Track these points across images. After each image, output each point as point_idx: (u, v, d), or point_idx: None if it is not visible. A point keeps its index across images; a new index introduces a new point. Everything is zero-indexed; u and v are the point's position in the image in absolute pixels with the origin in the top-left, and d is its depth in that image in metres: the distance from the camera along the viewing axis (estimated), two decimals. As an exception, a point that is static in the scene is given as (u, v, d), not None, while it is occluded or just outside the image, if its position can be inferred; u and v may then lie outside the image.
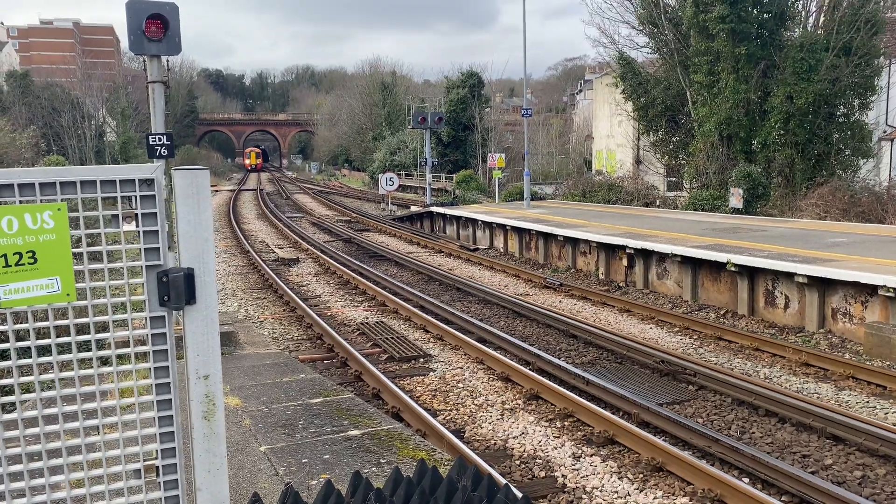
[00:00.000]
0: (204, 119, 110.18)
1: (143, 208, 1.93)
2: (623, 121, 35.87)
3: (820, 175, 26.36)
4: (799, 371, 9.81)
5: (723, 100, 26.79)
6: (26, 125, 38.19)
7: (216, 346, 2.05)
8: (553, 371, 9.55)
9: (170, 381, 2.01)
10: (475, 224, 24.36)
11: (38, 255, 1.83)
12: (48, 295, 1.85)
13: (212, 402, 2.05)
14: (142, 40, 9.75)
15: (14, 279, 1.82)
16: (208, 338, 2.03)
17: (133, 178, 1.90)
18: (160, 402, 2.00)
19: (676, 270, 14.57)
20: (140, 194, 1.92)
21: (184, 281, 1.96)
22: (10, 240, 1.80)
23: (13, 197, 1.81)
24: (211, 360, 2.04)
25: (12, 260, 1.81)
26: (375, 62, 77.41)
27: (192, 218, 1.96)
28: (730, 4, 25.30)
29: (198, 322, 2.01)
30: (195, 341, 2.01)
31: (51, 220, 1.83)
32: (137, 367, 1.97)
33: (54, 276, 1.85)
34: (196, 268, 1.98)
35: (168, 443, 2.02)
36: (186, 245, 1.96)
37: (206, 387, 2.04)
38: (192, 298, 1.98)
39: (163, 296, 1.96)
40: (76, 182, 1.86)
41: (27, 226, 1.81)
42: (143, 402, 1.99)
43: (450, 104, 47.64)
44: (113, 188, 1.89)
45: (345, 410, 6.43)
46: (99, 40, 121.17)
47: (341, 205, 41.10)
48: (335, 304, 14.58)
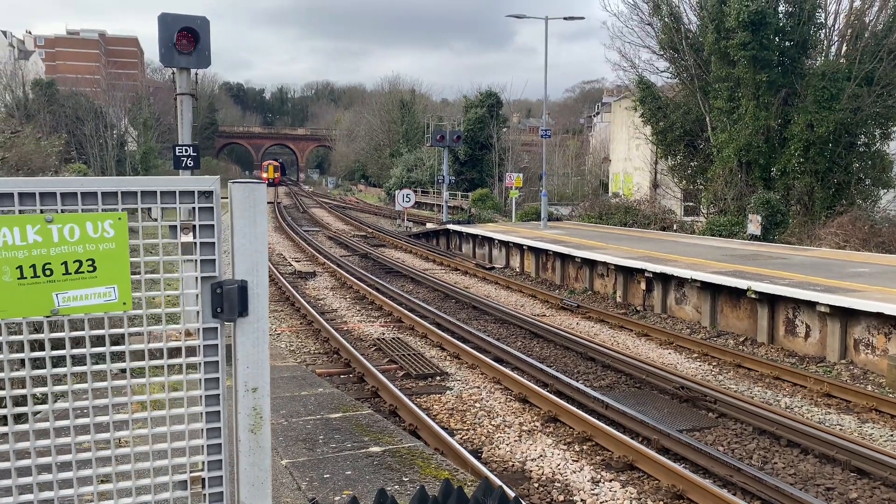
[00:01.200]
0: (223, 131, 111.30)
1: (201, 220, 1.94)
2: (641, 144, 35.85)
3: (839, 204, 26.18)
4: (821, 402, 9.68)
5: (742, 126, 26.72)
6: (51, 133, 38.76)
7: (265, 359, 2.05)
8: (571, 394, 9.47)
9: (219, 392, 2.01)
10: (491, 243, 24.35)
11: (98, 263, 1.85)
12: (105, 303, 1.86)
13: (259, 416, 2.04)
14: (172, 53, 9.88)
15: (73, 286, 1.83)
16: (258, 350, 2.03)
17: (192, 189, 1.92)
18: (209, 414, 2.01)
19: (695, 296, 14.47)
20: (199, 206, 1.93)
21: (237, 293, 1.96)
22: (71, 247, 1.82)
23: (76, 206, 1.83)
24: (260, 372, 2.04)
25: (72, 267, 1.83)
26: (395, 80, 78.09)
27: (248, 231, 1.97)
28: (752, 31, 25.31)
29: (249, 334, 2.01)
30: (245, 353, 2.02)
31: (111, 228, 1.85)
32: (188, 378, 1.98)
33: (112, 285, 1.86)
34: (250, 280, 1.99)
35: (214, 455, 2.02)
36: (241, 257, 1.97)
37: (254, 399, 2.04)
38: (245, 311, 1.99)
39: (216, 307, 1.97)
40: (137, 192, 1.88)
41: (88, 234, 1.83)
42: (191, 412, 2.00)
43: (468, 123, 47.88)
44: (172, 199, 1.91)
45: (364, 427, 6.41)
46: (123, 51, 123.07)
47: (357, 220, 41.26)
48: (352, 319, 14.58)
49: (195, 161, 10.45)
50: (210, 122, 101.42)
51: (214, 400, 2.01)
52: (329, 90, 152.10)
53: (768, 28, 25.54)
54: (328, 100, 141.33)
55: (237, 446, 2.05)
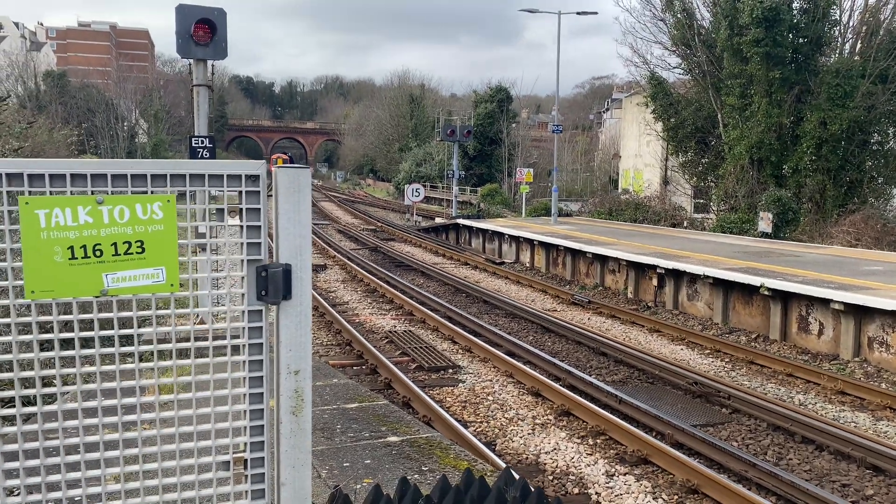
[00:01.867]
0: (233, 124, 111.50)
1: (248, 203, 1.96)
2: (651, 140, 35.72)
3: (852, 202, 26.04)
4: (834, 399, 9.65)
5: (755, 123, 26.58)
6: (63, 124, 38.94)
7: (308, 343, 2.07)
8: (584, 388, 9.48)
9: (262, 375, 2.03)
10: (501, 238, 24.34)
11: (147, 244, 1.86)
12: (153, 284, 1.88)
13: (300, 398, 2.06)
14: (189, 44, 9.91)
15: (122, 268, 1.85)
16: (301, 334, 2.05)
17: (240, 173, 1.93)
18: (252, 396, 2.02)
19: (707, 292, 14.43)
20: (246, 190, 1.95)
21: (282, 276, 1.98)
22: (120, 229, 1.84)
23: (125, 187, 1.84)
24: (303, 355, 2.06)
25: (122, 249, 1.85)
26: (404, 74, 77.95)
27: (292, 215, 1.98)
28: (765, 28, 25.14)
29: (292, 317, 2.03)
30: (288, 336, 2.03)
31: (160, 210, 1.87)
32: (233, 360, 2.00)
33: (160, 266, 1.88)
34: (294, 264, 2.00)
35: (257, 436, 2.04)
36: (286, 241, 1.99)
37: (296, 382, 2.06)
38: (289, 294, 2.01)
39: (261, 290, 1.99)
40: (185, 175, 1.89)
41: (137, 216, 1.85)
42: (234, 394, 2.02)
43: (477, 118, 47.81)
44: (220, 182, 1.93)
45: (381, 416, 6.43)
46: (134, 44, 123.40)
47: (366, 214, 41.31)
48: (363, 312, 14.62)
49: (211, 152, 10.48)
50: (220, 114, 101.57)
51: (258, 382, 2.03)
52: (338, 84, 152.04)
53: (782, 24, 25.37)
54: (337, 94, 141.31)
55: (279, 428, 2.07)
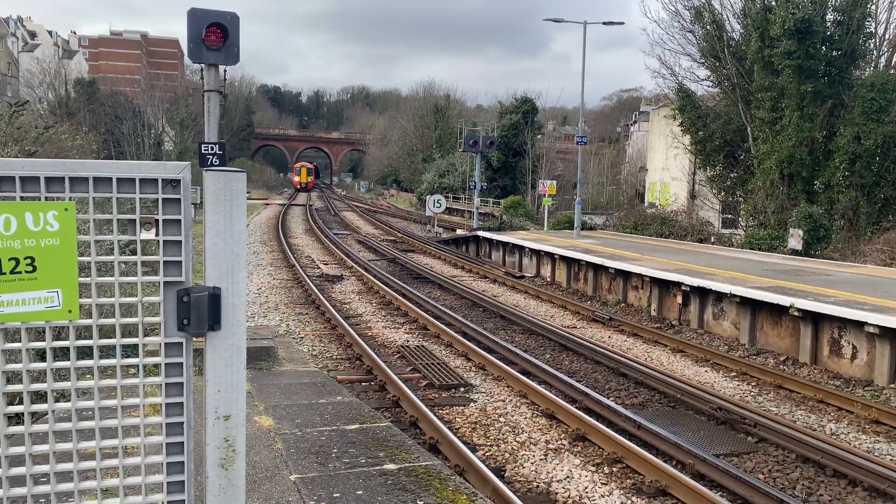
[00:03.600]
0: (259, 133, 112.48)
1: (166, 213, 1.63)
2: (679, 154, 35.08)
3: (886, 220, 25.20)
4: (869, 429, 9.08)
5: (785, 137, 25.90)
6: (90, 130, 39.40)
7: (241, 382, 1.72)
8: (601, 411, 9.03)
9: (183, 420, 1.68)
10: (522, 251, 23.91)
11: (38, 262, 1.54)
12: (46, 310, 1.55)
13: (231, 448, 1.72)
14: (200, 49, 9.71)
15: (7, 289, 1.53)
16: (232, 371, 1.70)
17: (156, 177, 1.60)
18: (170, 446, 1.68)
19: (734, 311, 13.87)
20: (163, 197, 1.62)
21: (208, 302, 1.64)
22: (5, 242, 1.51)
23: (13, 192, 1.52)
24: (233, 397, 1.72)
25: (7, 266, 1.52)
26: (430, 85, 77.92)
27: (221, 228, 1.65)
28: (798, 40, 24.51)
29: (221, 352, 1.69)
30: (217, 374, 1.69)
31: (55, 221, 1.54)
32: (148, 402, 1.66)
33: (55, 289, 1.55)
34: (224, 287, 1.66)
35: (177, 494, 1.70)
36: (214, 260, 1.65)
37: (226, 429, 1.71)
38: (217, 323, 1.67)
39: (182, 318, 1.65)
40: (89, 178, 1.56)
41: (27, 227, 1.53)
42: (150, 443, 1.67)
43: (502, 129, 47.48)
44: (131, 188, 1.60)
45: (381, 440, 6.07)
46: (164, 52, 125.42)
47: (388, 224, 41.12)
48: (376, 325, 14.29)
49: (221, 159, 10.26)
50: (247, 123, 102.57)
51: (177, 429, 1.69)
52: (364, 94, 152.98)
53: (815, 37, 24.72)
54: (363, 104, 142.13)
55: (206, 484, 1.72)
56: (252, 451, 5.79)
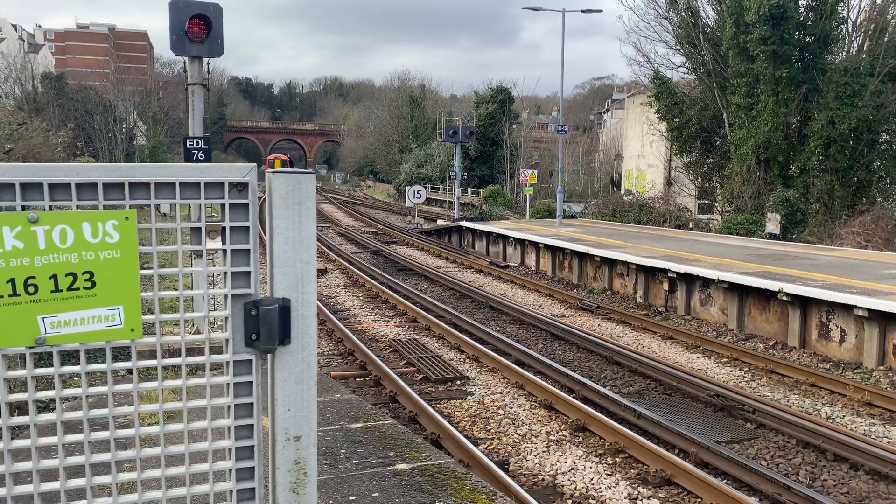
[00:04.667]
0: (232, 126, 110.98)
1: (233, 220, 1.50)
2: (655, 140, 35.28)
3: (860, 203, 25.60)
4: (863, 411, 9.18)
5: (761, 123, 26.13)
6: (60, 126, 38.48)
7: (312, 400, 1.60)
8: (600, 401, 9.01)
9: (254, 444, 1.56)
10: (506, 240, 23.87)
11: (98, 276, 1.40)
12: (108, 330, 1.42)
13: (303, 471, 1.60)
14: (184, 41, 9.44)
15: (65, 308, 1.39)
16: (303, 388, 1.58)
17: (223, 181, 1.47)
18: (240, 471, 1.56)
19: (721, 297, 13.96)
20: (230, 202, 1.48)
21: (278, 315, 1.52)
22: (62, 256, 1.38)
23: (69, 200, 1.38)
24: (305, 416, 1.60)
25: (64, 283, 1.38)
26: (404, 75, 77.38)
27: (291, 235, 1.52)
28: (772, 26, 24.70)
29: (292, 368, 1.57)
30: (287, 392, 1.57)
31: (115, 231, 1.40)
32: (215, 426, 1.53)
33: (116, 306, 1.42)
34: (294, 298, 1.54)
35: (247, 522, 1.58)
36: (283, 269, 1.53)
37: (296, 451, 1.59)
38: (287, 338, 1.55)
39: (250, 333, 1.53)
40: (150, 184, 1.43)
41: (85, 238, 1.39)
42: (217, 469, 1.55)
43: (478, 119, 47.32)
44: (195, 194, 1.46)
45: (388, 439, 5.96)
46: (133, 46, 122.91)
47: (367, 216, 40.83)
48: (366, 319, 14.15)
49: (207, 154, 10.01)
50: (219, 116, 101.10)
51: (247, 452, 1.56)
52: (338, 85, 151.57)
53: (789, 22, 24.93)
54: (337, 95, 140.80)
55: (275, 509, 1.60)
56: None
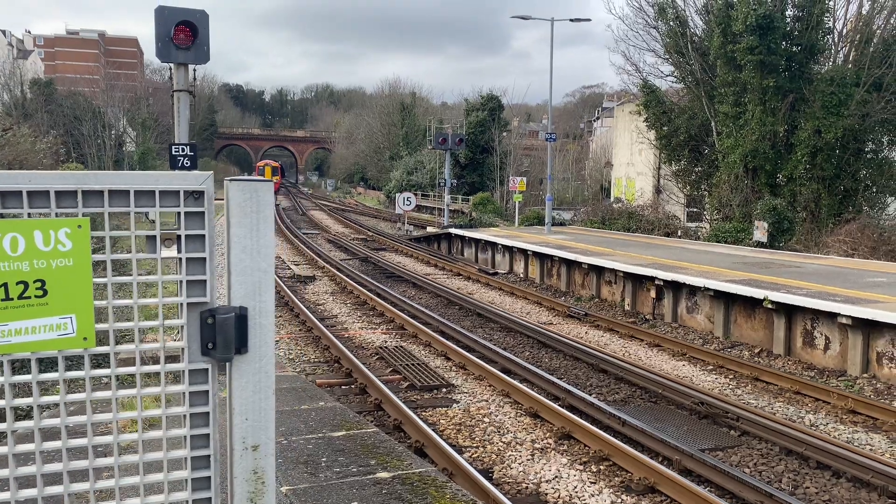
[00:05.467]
0: (223, 133, 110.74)
1: (189, 228, 1.49)
2: (644, 149, 35.46)
3: (846, 211, 25.79)
4: (846, 419, 9.22)
5: (749, 131, 26.32)
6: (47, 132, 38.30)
7: (270, 409, 1.60)
8: (585, 409, 9.01)
9: (210, 453, 1.55)
10: (495, 247, 23.90)
11: (49, 285, 1.39)
12: (60, 338, 1.41)
13: (261, 481, 1.59)
14: (169, 48, 9.43)
15: (15, 317, 1.38)
16: (261, 397, 1.58)
17: (178, 188, 1.47)
18: (196, 481, 1.55)
19: (708, 305, 14.02)
20: (185, 210, 1.48)
21: (235, 323, 1.51)
22: (12, 264, 1.36)
23: (20, 208, 1.37)
24: (263, 425, 1.59)
25: (14, 291, 1.37)
26: (395, 82, 77.61)
27: (249, 243, 1.52)
28: (759, 36, 24.91)
29: (249, 377, 1.56)
30: (244, 401, 1.56)
31: (68, 239, 1.40)
32: (171, 435, 1.52)
33: (69, 314, 1.41)
34: (250, 307, 1.54)
35: (203, 533, 1.56)
36: (240, 277, 1.52)
37: (254, 460, 1.58)
38: (244, 346, 1.54)
39: (206, 342, 1.52)
40: (103, 191, 1.42)
41: (36, 246, 1.38)
42: (173, 478, 1.54)
43: (469, 126, 47.47)
44: (150, 201, 1.46)
45: (370, 447, 5.94)
46: (123, 52, 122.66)
47: (357, 223, 40.80)
48: (352, 326, 14.11)
49: (192, 161, 9.99)
50: (209, 123, 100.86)
51: (203, 462, 1.55)
52: (329, 93, 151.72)
53: (776, 32, 25.15)
54: (328, 102, 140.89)
55: (233, 519, 1.59)
56: (237, 462, 5.60)
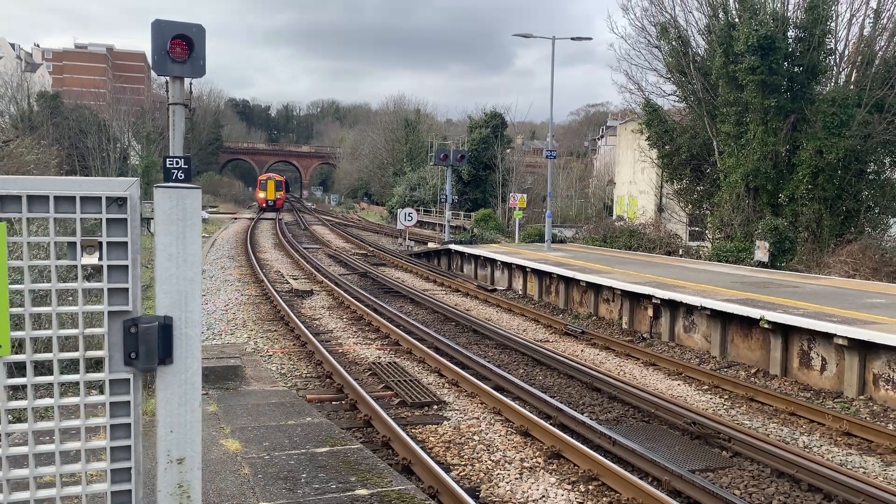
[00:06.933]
0: (228, 147, 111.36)
1: (111, 235, 1.46)
2: (646, 167, 35.49)
3: (848, 232, 25.70)
4: (841, 441, 9.11)
5: (750, 151, 26.32)
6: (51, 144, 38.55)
7: (196, 421, 1.56)
8: (576, 427, 8.92)
9: (131, 465, 1.51)
10: (494, 264, 23.86)
11: (-37, 291, 1.36)
12: (-28, 346, 1.38)
13: (186, 495, 1.55)
14: (165, 61, 9.49)
15: (-73, 323, 1.35)
16: (186, 409, 1.54)
17: (99, 195, 1.44)
18: (116, 494, 1.51)
19: (705, 324, 13.93)
20: (108, 217, 1.45)
21: (159, 333, 1.48)
22: (-75, 269, 1.34)
23: (-66, 212, 1.35)
24: (188, 438, 1.55)
25: (-74, 297, 1.34)
26: (400, 99, 78.06)
27: (174, 251, 1.49)
28: (761, 56, 24.99)
29: (174, 388, 1.53)
30: (169, 413, 1.53)
31: (-17, 245, 1.37)
32: (90, 447, 1.49)
33: (-17, 321, 1.38)
34: (175, 316, 1.50)
35: (123, 549, 1.52)
36: (165, 286, 1.49)
37: (179, 474, 1.54)
38: (169, 357, 1.51)
39: (129, 352, 1.49)
40: (21, 196, 1.40)
41: (-49, 252, 1.35)
42: (92, 492, 1.50)
43: (472, 143, 47.61)
44: (71, 207, 1.43)
45: (353, 464, 5.88)
46: (130, 66, 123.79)
47: (358, 238, 40.83)
48: (347, 341, 14.06)
49: (186, 173, 10.01)
50: (215, 137, 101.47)
51: (124, 475, 1.51)
52: (335, 108, 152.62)
53: (777, 53, 25.22)
54: (333, 118, 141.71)
55: (157, 535, 1.55)
56: (217, 476, 5.55)
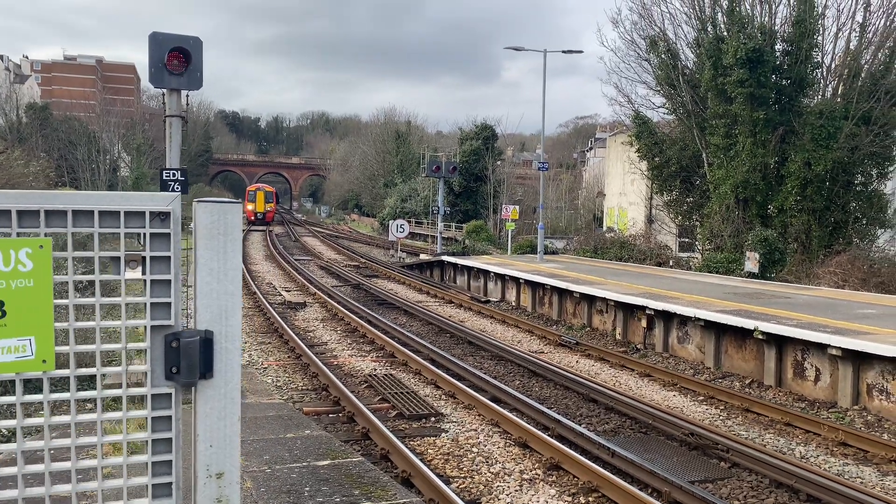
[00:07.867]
0: (218, 159, 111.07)
1: (154, 250, 1.47)
2: (636, 179, 35.73)
3: (837, 243, 25.93)
4: (836, 451, 9.16)
5: (739, 163, 26.56)
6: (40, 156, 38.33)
7: (235, 435, 1.56)
8: (574, 439, 8.92)
9: (171, 480, 1.51)
10: (487, 275, 23.88)
11: (8, 306, 1.37)
12: (18, 361, 1.38)
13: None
14: (163, 73, 9.49)
15: (-27, 338, 1.35)
16: (226, 424, 1.54)
17: (143, 209, 1.45)
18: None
19: (699, 335, 13.99)
20: (151, 231, 1.46)
21: (200, 348, 1.48)
22: (-29, 285, 1.34)
23: (-19, 228, 1.35)
24: (227, 452, 1.55)
25: (-28, 312, 1.35)
26: (390, 111, 78.19)
27: (215, 266, 1.50)
28: (749, 69, 25.27)
29: (214, 402, 1.53)
30: (209, 428, 1.53)
31: (29, 260, 1.37)
32: (132, 461, 1.48)
33: (27, 336, 1.38)
34: (216, 331, 1.51)
35: (163, 564, 1.52)
36: (207, 301, 1.50)
37: (218, 488, 1.54)
38: (209, 371, 1.51)
39: (170, 367, 1.49)
40: (67, 211, 1.40)
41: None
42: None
43: (463, 155, 47.76)
44: (115, 222, 1.44)
45: (355, 477, 5.86)
46: (120, 78, 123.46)
47: (350, 249, 40.77)
48: (342, 353, 14.01)
49: (183, 185, 9.99)
50: (204, 149, 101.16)
51: (165, 490, 1.51)
52: (325, 120, 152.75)
53: (766, 66, 25.52)
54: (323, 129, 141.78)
55: (195, 550, 1.55)
56: (219, 491, 5.51)
